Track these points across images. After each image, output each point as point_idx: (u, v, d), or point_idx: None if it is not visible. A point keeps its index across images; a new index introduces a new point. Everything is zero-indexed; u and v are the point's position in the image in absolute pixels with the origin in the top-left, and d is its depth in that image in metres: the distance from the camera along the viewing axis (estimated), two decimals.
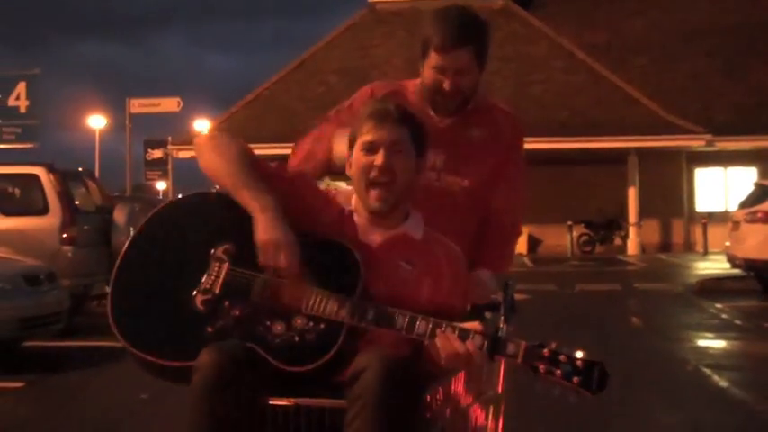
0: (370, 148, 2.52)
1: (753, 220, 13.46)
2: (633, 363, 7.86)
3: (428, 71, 2.94)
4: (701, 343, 9.69)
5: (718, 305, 12.54)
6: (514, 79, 24.46)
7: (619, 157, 24.33)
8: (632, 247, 24.66)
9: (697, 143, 23.75)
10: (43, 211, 10.81)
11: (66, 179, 10.97)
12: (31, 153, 23.06)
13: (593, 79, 25.34)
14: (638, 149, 24.23)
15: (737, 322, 11.16)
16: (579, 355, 2.23)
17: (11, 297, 8.10)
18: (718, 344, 9.74)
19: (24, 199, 11.14)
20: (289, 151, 3.06)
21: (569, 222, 24.31)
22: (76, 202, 11.28)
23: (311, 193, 2.62)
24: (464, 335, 2.29)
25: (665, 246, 25.87)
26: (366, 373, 2.21)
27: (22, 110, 21.35)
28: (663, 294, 14.41)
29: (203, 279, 2.41)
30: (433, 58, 2.90)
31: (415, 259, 2.54)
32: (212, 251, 2.43)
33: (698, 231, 24.50)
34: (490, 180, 3.06)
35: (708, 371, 7.73)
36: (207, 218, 2.53)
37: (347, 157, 2.63)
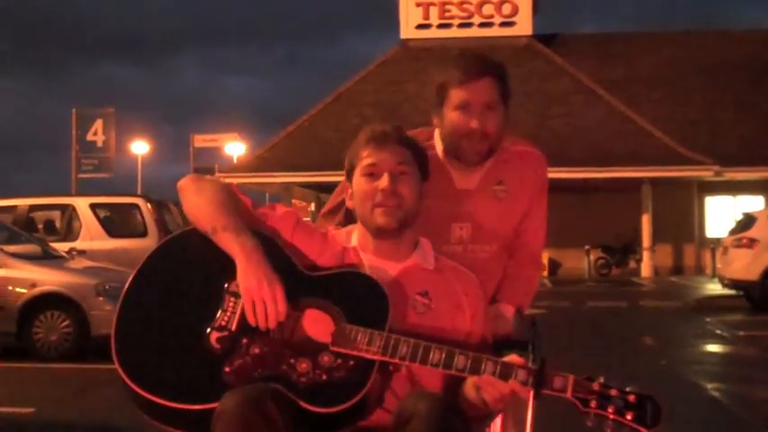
0: (373, 173, 2.39)
1: (738, 245, 15.41)
2: (620, 357, 9.72)
3: (450, 114, 2.71)
4: (684, 346, 11.56)
5: (708, 319, 14.35)
6: (537, 113, 25.90)
7: (633, 186, 25.76)
8: (646, 270, 26.04)
9: (706, 173, 25.14)
10: (143, 233, 13.25)
11: (160, 207, 13.30)
12: (90, 181, 25.27)
13: (610, 113, 26.66)
14: (651, 179, 25.59)
15: (718, 332, 12.97)
16: (630, 389, 2.10)
17: None
18: (698, 348, 11.63)
19: (127, 224, 13.58)
20: (327, 179, 3.55)
21: (587, 246, 25.77)
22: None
23: (306, 233, 2.45)
24: (507, 370, 2.12)
25: (677, 269, 27.38)
26: (414, 423, 2.06)
27: (99, 144, 23.81)
28: (662, 310, 16.21)
29: (217, 315, 2.23)
30: (455, 96, 2.70)
31: (430, 291, 2.38)
32: (226, 285, 2.26)
33: (708, 256, 25.96)
34: (516, 229, 2.92)
35: (681, 366, 9.61)
36: (217, 251, 2.30)
37: (346, 189, 2.52)
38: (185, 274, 2.34)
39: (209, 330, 2.23)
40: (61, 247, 12.56)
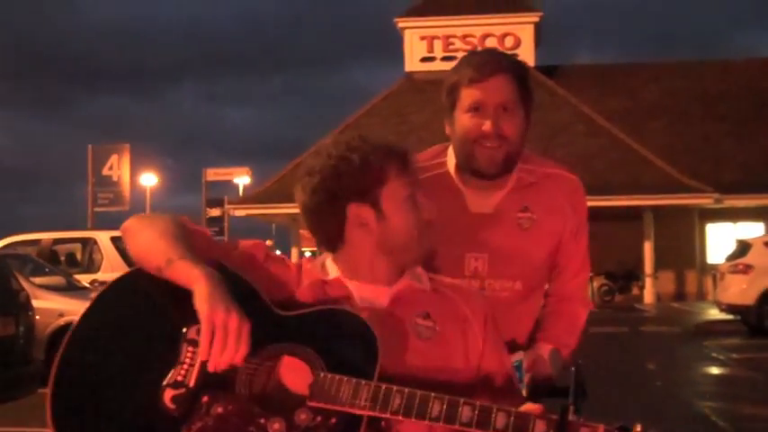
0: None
1: (734, 271, 16.01)
2: (619, 380, 10.24)
3: (461, 118, 2.42)
4: (681, 369, 12.07)
5: (706, 343, 14.86)
6: (539, 143, 26.10)
7: (635, 214, 26.16)
8: (649, 296, 26.44)
9: (706, 201, 25.49)
10: None
11: None
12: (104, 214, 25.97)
13: (611, 143, 26.97)
14: (652, 207, 25.94)
15: (714, 355, 13.48)
16: None
17: None
18: (694, 370, 12.16)
19: None
20: None
21: (591, 273, 26.02)
22: None
23: (279, 265, 2.08)
24: (522, 423, 1.75)
25: (679, 295, 27.79)
26: None
27: (114, 178, 24.55)
28: (662, 335, 16.76)
29: (173, 370, 1.85)
30: (467, 96, 2.41)
31: (431, 311, 2.03)
32: (183, 332, 1.87)
33: (709, 282, 26.32)
34: (550, 270, 2.57)
35: (676, 387, 10.14)
36: (171, 293, 1.92)
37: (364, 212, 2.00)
38: (132, 323, 1.94)
39: (162, 388, 1.84)
40: (83, 278, 13.11)
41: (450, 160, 2.57)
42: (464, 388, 1.94)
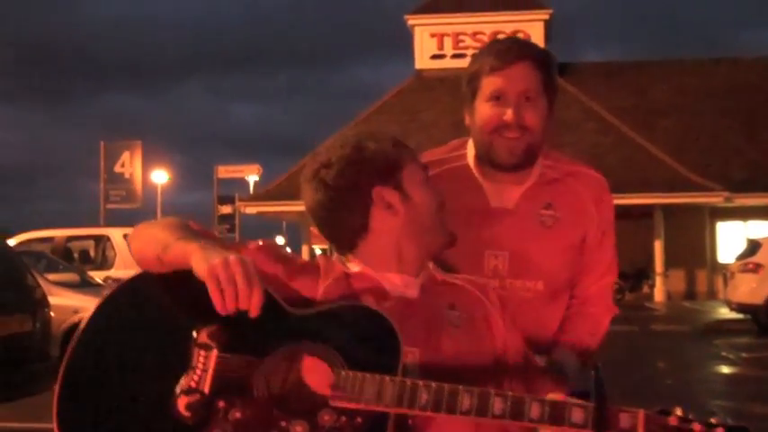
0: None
1: (744, 270, 16.05)
2: (629, 378, 10.30)
3: (482, 108, 2.35)
4: (690, 367, 12.12)
5: (716, 342, 14.90)
6: (549, 141, 26.09)
7: (645, 212, 26.12)
8: (659, 294, 26.43)
9: (716, 200, 25.50)
10: None
11: None
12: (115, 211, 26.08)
13: (621, 140, 27.02)
14: (662, 205, 25.94)
15: (724, 354, 13.52)
16: (716, 420, 1.68)
17: None
18: (704, 369, 12.20)
19: None
20: None
21: None
22: None
23: (292, 263, 2.01)
24: (558, 412, 1.70)
25: (690, 294, 27.78)
26: None
27: (126, 175, 24.67)
28: (672, 334, 16.78)
29: (185, 376, 1.78)
30: (488, 85, 2.33)
31: (456, 303, 2.01)
32: (194, 336, 1.81)
33: (720, 280, 26.27)
34: (574, 271, 2.45)
35: (686, 385, 10.21)
36: (178, 297, 1.88)
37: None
38: (140, 327, 1.87)
39: (175, 396, 1.77)
40: (97, 275, 13.22)
41: (470, 152, 2.48)
42: (495, 370, 1.97)
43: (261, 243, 2.05)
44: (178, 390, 1.77)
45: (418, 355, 1.86)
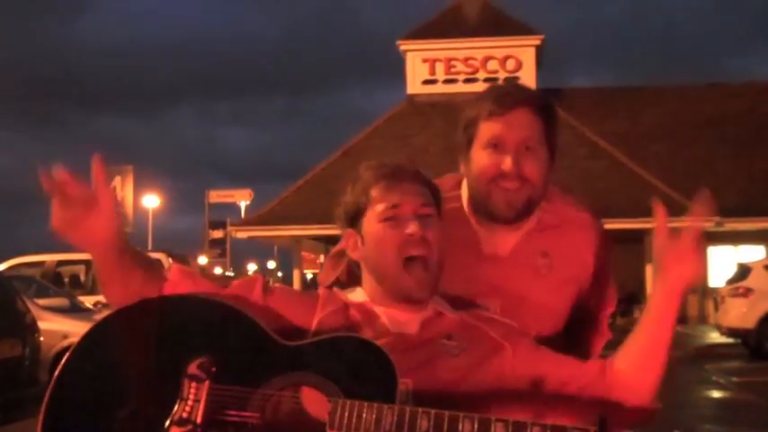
0: (396, 216, 1.99)
1: (735, 294, 16.10)
2: None
3: (478, 156, 2.23)
4: (681, 392, 12.11)
5: (707, 366, 14.91)
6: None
7: (636, 236, 26.07)
8: None
9: (707, 224, 25.40)
10: None
11: (182, 262, 14.06)
12: None
13: (612, 165, 27.10)
14: (653, 230, 26.04)
15: (714, 378, 13.54)
16: None
17: None
18: (695, 393, 12.22)
19: None
20: (336, 232, 2.33)
21: None
22: None
23: (283, 295, 2.05)
24: None
25: (681, 318, 26.63)
26: None
27: (118, 200, 24.83)
28: None
29: (176, 407, 1.78)
30: (485, 131, 2.21)
31: (455, 334, 1.99)
32: (184, 368, 1.80)
33: (710, 305, 26.31)
34: (567, 318, 2.37)
35: (676, 410, 10.21)
36: (167, 328, 1.89)
37: (350, 236, 2.08)
38: (125, 362, 1.86)
39: (167, 426, 1.76)
40: (87, 300, 13.20)
41: (464, 194, 2.36)
42: (502, 396, 1.94)
43: (246, 278, 2.11)
44: (169, 420, 1.77)
45: (411, 385, 1.84)
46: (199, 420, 1.76)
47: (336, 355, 1.81)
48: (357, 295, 2.05)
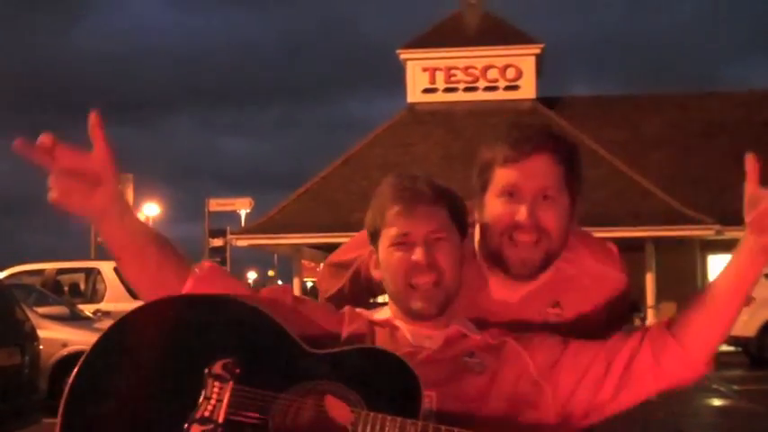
0: (405, 242, 1.97)
1: None
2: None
3: (492, 203, 2.09)
4: (682, 400, 12.09)
5: (707, 374, 14.85)
6: None
7: (637, 245, 26.09)
8: None
9: (708, 233, 25.59)
10: None
11: None
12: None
13: (612, 174, 26.91)
14: (654, 238, 26.02)
15: (715, 386, 13.50)
16: None
17: None
18: (696, 401, 12.19)
19: None
20: (337, 240, 2.87)
21: None
22: None
23: (312, 305, 2.11)
24: None
25: None
26: None
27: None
28: None
29: (198, 405, 1.77)
30: (500, 177, 2.08)
31: (477, 353, 1.97)
32: (207, 368, 1.80)
33: None
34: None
35: (677, 418, 10.21)
36: (192, 328, 1.88)
37: (371, 255, 2.08)
38: (147, 359, 1.85)
39: (188, 426, 1.75)
40: (87, 308, 13.19)
41: (477, 235, 2.21)
42: (547, 426, 1.92)
43: (276, 287, 2.14)
44: (191, 418, 1.76)
45: (435, 399, 1.85)
46: (220, 420, 1.76)
47: (361, 367, 1.81)
48: (382, 314, 2.07)
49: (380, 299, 2.25)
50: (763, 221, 1.81)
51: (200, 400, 1.78)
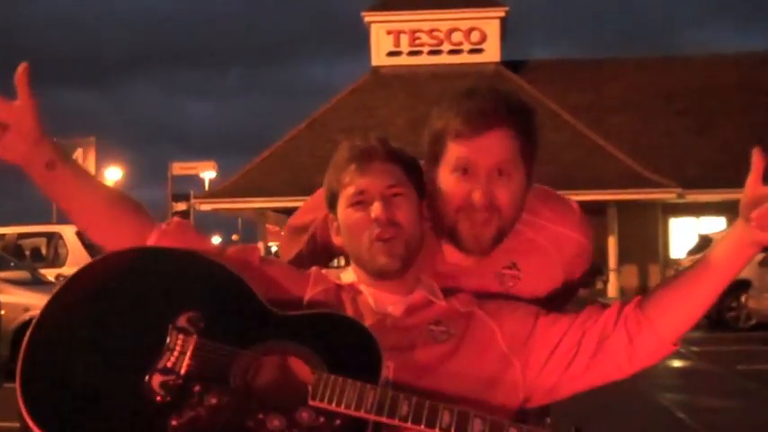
0: (362, 200, 1.95)
1: None
2: None
3: (445, 179, 2.00)
4: None
5: None
6: None
7: (599, 208, 26.26)
8: (612, 290, 26.65)
9: (669, 196, 25.86)
10: None
11: None
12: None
13: (575, 137, 27.16)
14: (616, 202, 26.23)
15: None
16: None
17: None
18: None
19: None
20: (300, 204, 2.54)
21: None
22: None
23: (279, 267, 2.09)
24: None
25: (643, 289, 27.97)
26: None
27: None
28: None
29: (161, 357, 1.76)
30: (453, 152, 1.98)
31: (443, 319, 1.95)
32: (171, 319, 1.79)
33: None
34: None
35: (636, 379, 10.31)
36: (152, 280, 1.88)
37: (331, 222, 2.05)
38: (109, 308, 1.84)
39: (149, 374, 1.74)
40: (49, 273, 13.10)
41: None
42: (511, 398, 1.91)
43: (243, 246, 2.11)
44: (154, 368, 1.75)
45: (392, 368, 1.82)
46: (182, 371, 1.75)
47: (325, 331, 1.82)
48: (347, 276, 2.04)
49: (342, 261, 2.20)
50: (766, 219, 1.76)
51: (163, 350, 1.77)
